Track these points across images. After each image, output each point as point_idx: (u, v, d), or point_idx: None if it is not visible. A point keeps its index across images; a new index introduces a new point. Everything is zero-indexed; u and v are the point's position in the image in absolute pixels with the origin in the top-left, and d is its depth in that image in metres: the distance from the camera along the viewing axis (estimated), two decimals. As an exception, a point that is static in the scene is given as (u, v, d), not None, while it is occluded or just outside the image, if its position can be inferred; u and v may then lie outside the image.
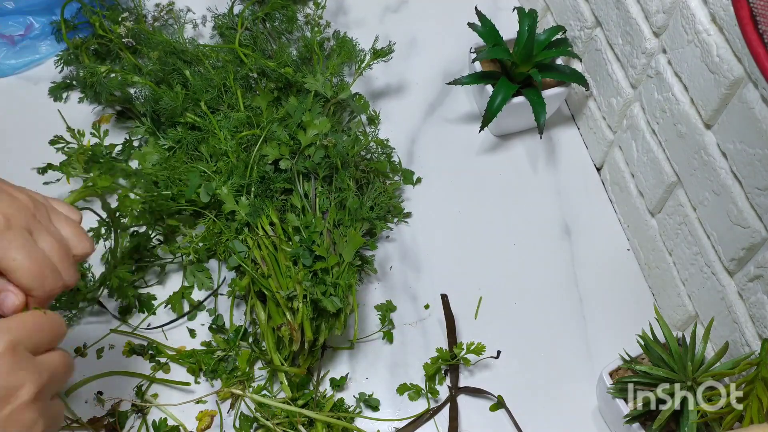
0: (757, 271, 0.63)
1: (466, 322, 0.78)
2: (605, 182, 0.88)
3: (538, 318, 0.79)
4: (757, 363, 0.60)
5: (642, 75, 0.76)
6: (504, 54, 0.84)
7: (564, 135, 0.92)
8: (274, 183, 0.78)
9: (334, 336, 0.74)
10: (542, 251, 0.83)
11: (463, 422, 0.72)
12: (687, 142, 0.70)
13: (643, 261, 0.82)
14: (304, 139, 0.78)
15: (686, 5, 0.66)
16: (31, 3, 0.93)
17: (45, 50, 0.94)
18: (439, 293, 0.78)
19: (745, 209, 0.63)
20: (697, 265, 0.72)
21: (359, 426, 0.71)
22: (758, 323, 0.64)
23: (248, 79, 0.86)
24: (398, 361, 0.76)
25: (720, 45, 0.62)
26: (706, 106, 0.66)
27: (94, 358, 0.74)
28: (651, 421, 0.65)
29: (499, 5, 1.01)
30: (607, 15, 0.80)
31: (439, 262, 0.82)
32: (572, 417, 0.73)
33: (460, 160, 0.90)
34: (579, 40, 0.87)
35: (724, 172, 0.65)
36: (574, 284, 0.81)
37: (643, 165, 0.79)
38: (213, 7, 0.96)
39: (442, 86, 0.95)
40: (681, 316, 0.76)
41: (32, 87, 0.93)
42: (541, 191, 0.88)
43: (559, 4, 0.91)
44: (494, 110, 0.83)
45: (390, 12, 1.02)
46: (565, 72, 0.86)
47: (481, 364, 0.76)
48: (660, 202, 0.77)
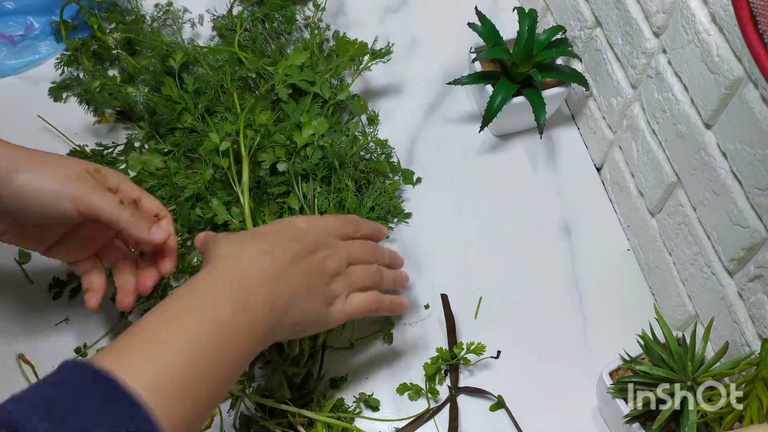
0: (757, 271, 0.63)
1: (466, 322, 0.78)
2: (605, 182, 0.88)
3: (538, 318, 0.79)
4: (757, 363, 0.60)
5: (642, 75, 0.76)
6: (504, 54, 0.84)
7: (564, 135, 0.92)
8: (270, 187, 0.78)
9: (334, 336, 0.74)
10: (542, 251, 0.83)
11: (463, 422, 0.72)
12: (687, 142, 0.70)
13: (643, 261, 0.82)
14: (300, 140, 0.78)
15: (686, 5, 0.66)
16: (31, 3, 0.93)
17: (45, 50, 0.94)
18: (439, 293, 0.78)
19: (745, 209, 0.63)
20: (697, 265, 0.72)
21: (359, 426, 0.71)
22: (758, 323, 0.64)
23: (247, 80, 0.86)
24: (398, 361, 0.76)
25: (720, 45, 0.62)
26: (706, 106, 0.66)
27: (94, 358, 0.74)
28: (651, 421, 0.65)
29: (499, 5, 1.01)
30: (607, 15, 0.80)
31: (439, 262, 0.82)
32: (572, 417, 0.73)
33: (460, 160, 0.90)
34: (579, 40, 0.87)
35: (724, 172, 0.65)
36: (574, 284, 0.81)
37: (643, 165, 0.79)
38: (212, 9, 0.96)
39: (442, 86, 0.95)
40: (681, 316, 0.76)
41: (32, 87, 0.93)
42: (541, 191, 0.88)
43: (559, 4, 0.91)
44: (494, 110, 0.83)
45: (390, 12, 1.02)
46: (565, 72, 0.86)
47: (481, 364, 0.76)
48: (660, 202, 0.77)
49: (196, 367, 0.50)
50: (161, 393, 0.46)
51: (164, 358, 0.49)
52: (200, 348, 0.51)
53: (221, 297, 0.55)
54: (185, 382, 0.48)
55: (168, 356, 0.49)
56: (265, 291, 0.57)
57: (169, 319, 0.52)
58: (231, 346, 0.53)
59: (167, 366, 0.48)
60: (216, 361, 0.52)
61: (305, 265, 0.61)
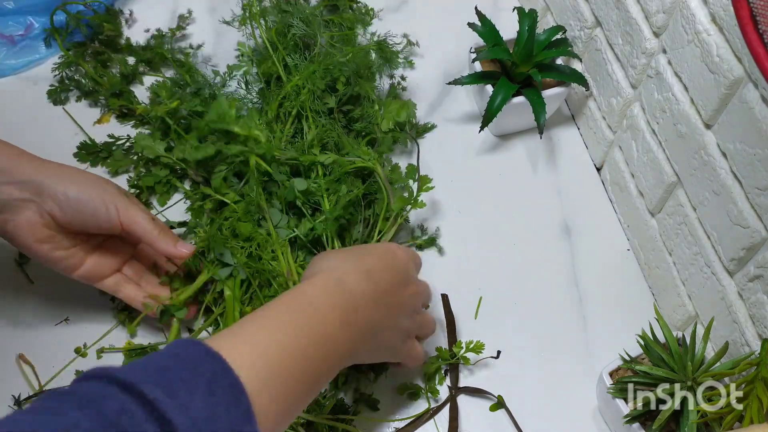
0: (757, 271, 0.63)
1: (466, 322, 0.78)
2: (605, 182, 0.88)
3: (538, 318, 0.79)
4: (757, 363, 0.60)
5: (642, 75, 0.76)
6: (504, 54, 0.84)
7: (564, 135, 0.92)
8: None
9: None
10: (542, 251, 0.83)
11: (463, 422, 0.72)
12: (687, 142, 0.70)
13: (643, 261, 0.82)
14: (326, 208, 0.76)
15: (686, 5, 0.66)
16: (31, 3, 0.93)
17: (45, 50, 0.94)
18: (439, 293, 0.78)
19: (745, 209, 0.63)
20: (697, 265, 0.72)
21: (359, 426, 0.71)
22: (758, 323, 0.64)
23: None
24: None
25: (720, 45, 0.62)
26: (706, 106, 0.66)
27: (94, 357, 0.74)
28: (651, 421, 0.65)
29: (499, 5, 1.01)
30: (607, 15, 0.80)
31: (439, 262, 0.82)
32: (572, 417, 0.73)
33: (460, 160, 0.90)
34: (579, 40, 0.87)
35: (724, 172, 0.65)
36: (574, 284, 0.81)
37: (643, 165, 0.79)
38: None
39: (442, 86, 0.95)
40: (681, 316, 0.76)
41: (32, 87, 0.93)
42: (541, 191, 0.88)
43: (559, 4, 0.91)
44: (494, 110, 0.83)
45: (390, 12, 1.02)
46: (565, 72, 0.86)
47: (481, 363, 0.76)
48: (660, 202, 0.77)
49: (296, 370, 0.52)
50: (262, 385, 0.48)
51: (269, 355, 0.50)
52: (303, 352, 0.53)
53: (332, 308, 0.57)
54: (285, 381, 0.50)
55: (273, 356, 0.50)
56: (366, 312, 0.59)
57: (281, 316, 0.54)
58: (330, 355, 0.55)
59: (271, 366, 0.50)
60: (314, 368, 0.54)
61: (399, 297, 0.64)
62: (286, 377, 0.50)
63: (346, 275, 0.60)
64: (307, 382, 0.53)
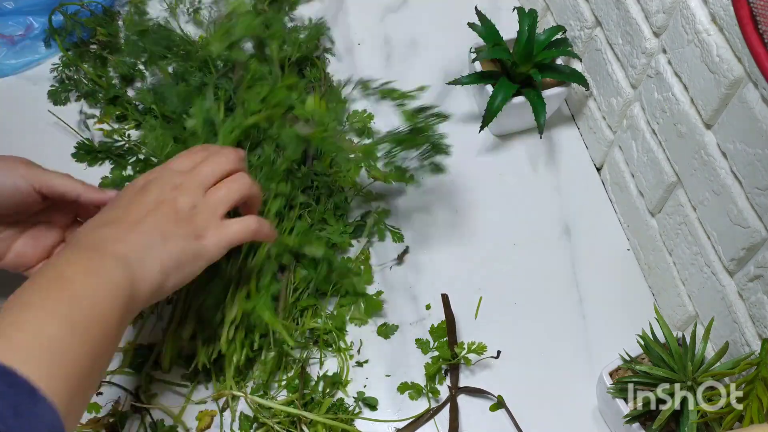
0: (757, 271, 0.63)
1: (466, 322, 0.78)
2: (605, 182, 0.88)
3: (538, 318, 0.79)
4: (757, 363, 0.60)
5: (642, 75, 0.76)
6: (504, 54, 0.84)
7: (564, 135, 0.92)
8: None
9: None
10: (542, 251, 0.83)
11: (463, 422, 0.72)
12: (687, 142, 0.70)
13: (643, 261, 0.82)
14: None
15: (686, 5, 0.66)
16: (31, 3, 0.93)
17: (45, 50, 0.94)
18: (439, 293, 0.78)
19: (745, 209, 0.63)
20: (697, 265, 0.72)
21: (359, 426, 0.71)
22: (758, 323, 0.64)
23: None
24: (398, 360, 0.76)
25: (720, 45, 0.62)
26: (706, 106, 0.66)
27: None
28: (651, 421, 0.65)
29: (499, 5, 1.01)
30: (607, 15, 0.80)
31: (439, 262, 0.82)
32: (572, 417, 0.73)
33: (460, 160, 0.90)
34: (579, 40, 0.87)
35: (724, 172, 0.65)
36: (574, 284, 0.81)
37: (643, 165, 0.79)
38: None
39: (442, 86, 0.95)
40: (681, 316, 0.76)
41: (32, 87, 0.93)
42: (541, 191, 0.88)
43: (559, 4, 0.91)
44: (494, 110, 0.83)
45: (390, 12, 1.02)
46: (565, 72, 0.86)
47: (481, 364, 0.76)
48: (660, 202, 0.77)
49: (66, 336, 0.50)
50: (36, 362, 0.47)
51: (35, 329, 0.49)
52: (63, 317, 0.51)
53: (72, 265, 0.56)
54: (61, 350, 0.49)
55: (40, 327, 0.49)
56: (114, 252, 0.57)
57: (40, 290, 0.53)
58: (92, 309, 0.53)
59: (40, 338, 0.49)
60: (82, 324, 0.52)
61: (153, 214, 0.60)
62: (60, 348, 0.49)
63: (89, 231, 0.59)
64: (83, 343, 0.51)
